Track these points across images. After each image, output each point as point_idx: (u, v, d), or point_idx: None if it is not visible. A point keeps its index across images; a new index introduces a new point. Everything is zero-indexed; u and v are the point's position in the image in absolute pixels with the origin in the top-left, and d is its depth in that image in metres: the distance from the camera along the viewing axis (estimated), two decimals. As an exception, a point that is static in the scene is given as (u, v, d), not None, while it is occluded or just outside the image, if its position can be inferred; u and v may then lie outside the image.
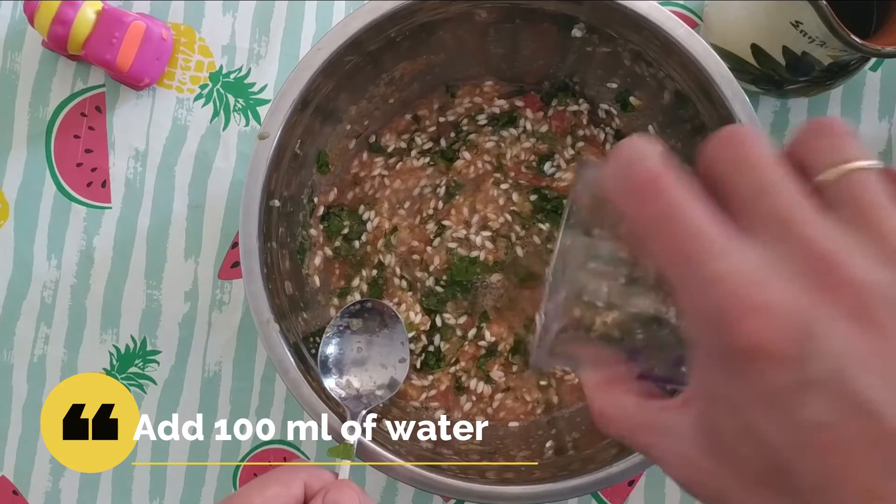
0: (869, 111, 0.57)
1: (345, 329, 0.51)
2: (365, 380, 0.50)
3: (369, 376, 0.50)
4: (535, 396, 0.55)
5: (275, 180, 0.48)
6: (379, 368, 0.51)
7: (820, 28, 0.45)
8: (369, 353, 0.51)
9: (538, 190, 0.56)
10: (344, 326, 0.51)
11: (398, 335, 0.51)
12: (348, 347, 0.51)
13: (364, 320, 0.52)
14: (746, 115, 0.46)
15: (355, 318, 0.52)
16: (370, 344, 0.51)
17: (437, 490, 0.47)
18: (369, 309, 0.52)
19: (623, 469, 0.46)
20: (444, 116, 0.57)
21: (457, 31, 0.51)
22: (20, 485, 0.58)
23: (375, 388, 0.50)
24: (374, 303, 0.52)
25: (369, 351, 0.51)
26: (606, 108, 0.56)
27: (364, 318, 0.52)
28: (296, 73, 0.46)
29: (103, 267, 0.58)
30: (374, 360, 0.51)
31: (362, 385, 0.50)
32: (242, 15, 0.58)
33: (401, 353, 0.51)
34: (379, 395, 0.50)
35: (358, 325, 0.52)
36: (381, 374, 0.51)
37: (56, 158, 0.58)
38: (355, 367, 0.50)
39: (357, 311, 0.52)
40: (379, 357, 0.51)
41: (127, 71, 0.55)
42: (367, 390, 0.50)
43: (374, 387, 0.50)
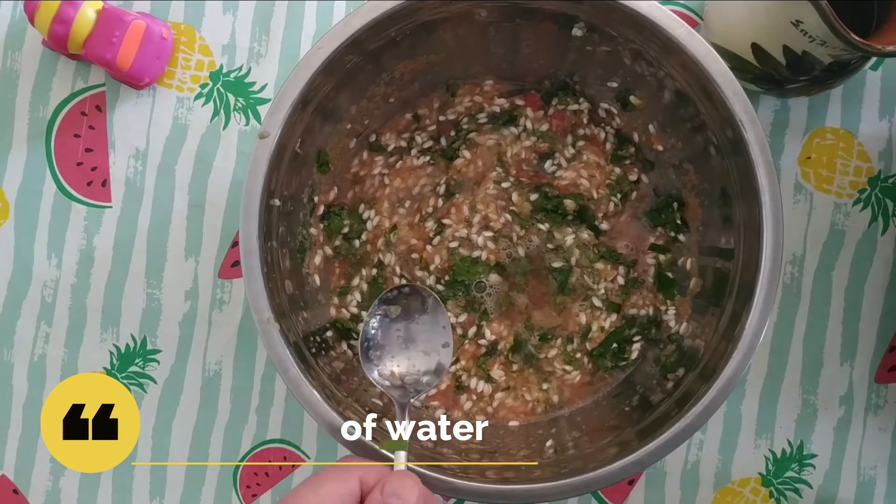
0: (869, 111, 0.57)
1: (383, 317, 0.49)
2: (409, 367, 0.48)
3: (412, 363, 0.49)
4: (535, 396, 0.55)
5: (275, 179, 0.48)
6: (421, 355, 0.49)
7: (821, 27, 0.44)
8: (411, 340, 0.49)
9: (539, 188, 0.56)
10: (382, 314, 0.49)
11: (440, 318, 0.49)
12: (388, 335, 0.49)
13: (403, 306, 0.50)
14: (746, 114, 0.46)
15: (392, 304, 0.50)
16: (410, 330, 0.49)
17: (437, 489, 0.47)
18: (407, 294, 0.50)
19: (623, 468, 0.46)
20: (445, 115, 0.57)
21: (457, 31, 0.51)
22: (20, 484, 0.58)
23: (420, 374, 0.48)
24: (411, 287, 0.50)
25: (410, 337, 0.49)
26: (607, 107, 0.56)
27: (403, 304, 0.50)
28: (296, 73, 0.46)
29: (103, 266, 0.58)
30: (416, 346, 0.49)
31: (407, 373, 0.48)
32: (242, 14, 0.58)
33: (443, 336, 0.49)
34: (425, 382, 0.48)
35: (396, 312, 0.50)
36: (425, 360, 0.49)
37: (56, 157, 0.58)
38: (397, 356, 0.49)
39: (394, 298, 0.50)
40: (421, 343, 0.49)
41: (127, 70, 0.55)
42: (411, 378, 0.48)
43: (418, 374, 0.48)
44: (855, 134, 0.57)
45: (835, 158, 0.57)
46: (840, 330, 0.57)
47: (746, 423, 0.57)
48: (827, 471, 0.57)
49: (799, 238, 0.57)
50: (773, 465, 0.57)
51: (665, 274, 0.55)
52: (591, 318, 0.55)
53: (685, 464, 0.57)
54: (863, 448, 0.57)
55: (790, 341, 0.57)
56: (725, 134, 0.47)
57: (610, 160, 0.56)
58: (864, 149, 0.57)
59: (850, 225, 0.57)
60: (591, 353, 0.55)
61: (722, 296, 0.50)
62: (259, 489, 0.57)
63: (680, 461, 0.57)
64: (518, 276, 0.55)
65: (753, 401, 0.57)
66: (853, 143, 0.57)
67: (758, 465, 0.57)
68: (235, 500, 0.58)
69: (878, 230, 0.57)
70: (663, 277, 0.55)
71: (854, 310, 0.57)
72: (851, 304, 0.57)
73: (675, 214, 0.55)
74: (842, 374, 0.57)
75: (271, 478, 0.58)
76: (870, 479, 0.57)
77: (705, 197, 0.53)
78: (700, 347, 0.50)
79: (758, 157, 0.46)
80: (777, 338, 0.57)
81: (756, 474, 0.57)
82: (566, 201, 0.55)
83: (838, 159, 0.57)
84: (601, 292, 0.55)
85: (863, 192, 0.57)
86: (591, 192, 0.56)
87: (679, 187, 0.55)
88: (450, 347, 0.49)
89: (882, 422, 0.57)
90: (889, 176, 0.57)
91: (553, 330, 0.55)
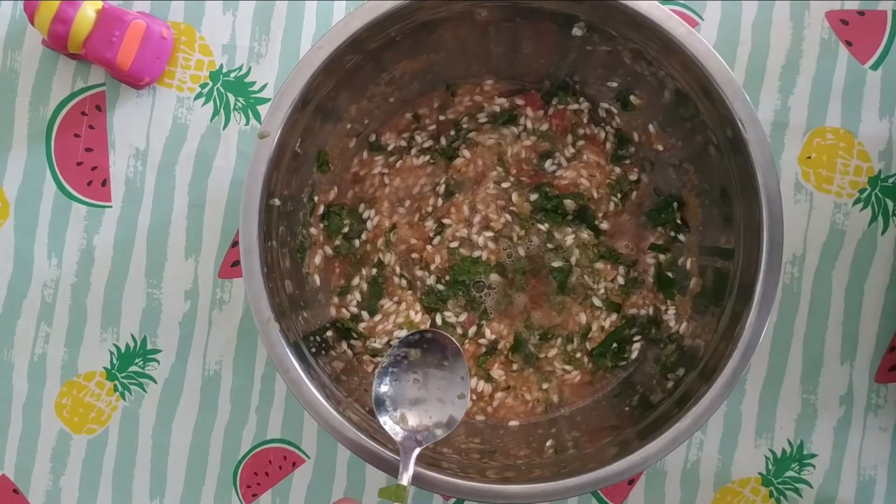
0: (869, 111, 0.57)
1: (402, 359, 0.49)
2: (421, 415, 0.48)
3: (425, 411, 0.48)
4: (535, 395, 0.55)
5: (275, 179, 0.48)
6: (436, 403, 0.48)
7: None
8: (427, 387, 0.48)
9: (539, 188, 0.56)
10: (402, 356, 0.49)
11: (459, 369, 0.49)
12: (405, 379, 0.48)
13: (423, 351, 0.49)
14: (747, 114, 0.46)
15: (413, 347, 0.49)
16: (428, 377, 0.49)
17: (437, 489, 0.47)
18: (429, 339, 0.49)
19: (623, 468, 0.46)
20: (445, 115, 0.57)
21: (457, 30, 0.51)
22: (21, 483, 0.58)
23: (432, 424, 0.47)
24: (435, 334, 0.49)
25: (427, 384, 0.49)
26: (607, 106, 0.56)
27: (423, 349, 0.49)
28: (296, 72, 0.46)
29: (104, 266, 0.58)
30: (431, 394, 0.48)
31: (419, 421, 0.47)
32: (242, 14, 0.58)
33: (460, 388, 0.48)
34: (437, 434, 0.47)
35: (416, 356, 0.49)
36: (439, 409, 0.48)
37: (56, 157, 0.58)
38: (411, 402, 0.48)
39: (416, 341, 0.49)
40: (437, 391, 0.48)
41: (127, 70, 0.55)
42: (422, 426, 0.47)
43: (430, 423, 0.47)
44: (855, 134, 0.57)
45: (835, 158, 0.57)
46: (840, 330, 0.57)
47: (746, 423, 0.57)
48: (827, 470, 0.57)
49: (799, 238, 0.57)
50: (774, 465, 0.57)
51: (665, 274, 0.55)
52: (591, 318, 0.55)
53: (685, 464, 0.57)
54: (863, 448, 0.57)
55: (790, 341, 0.57)
56: (725, 134, 0.47)
57: (610, 160, 0.56)
58: (864, 148, 0.57)
59: (850, 225, 0.57)
60: (591, 352, 0.55)
61: (722, 296, 0.50)
62: (259, 489, 0.57)
63: (680, 461, 0.57)
64: (518, 276, 0.55)
65: (753, 401, 0.57)
66: (853, 142, 0.57)
67: (758, 465, 0.57)
68: (235, 500, 0.58)
69: (878, 230, 0.57)
70: (663, 277, 0.55)
71: (854, 310, 0.57)
72: (851, 303, 0.57)
73: (675, 214, 0.55)
74: (842, 373, 0.57)
75: (271, 478, 0.58)
76: (870, 479, 0.57)
77: (705, 197, 0.53)
78: (700, 347, 0.50)
79: (758, 157, 0.46)
80: (777, 338, 0.57)
81: (756, 474, 0.57)
82: (566, 201, 0.55)
83: (838, 159, 0.57)
84: (601, 292, 0.55)
85: (863, 191, 0.57)
86: (591, 192, 0.56)
87: (679, 187, 0.55)
88: (465, 399, 0.48)
89: (882, 421, 0.57)
90: (889, 175, 0.57)
91: (553, 329, 0.55)
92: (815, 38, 0.57)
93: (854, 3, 0.57)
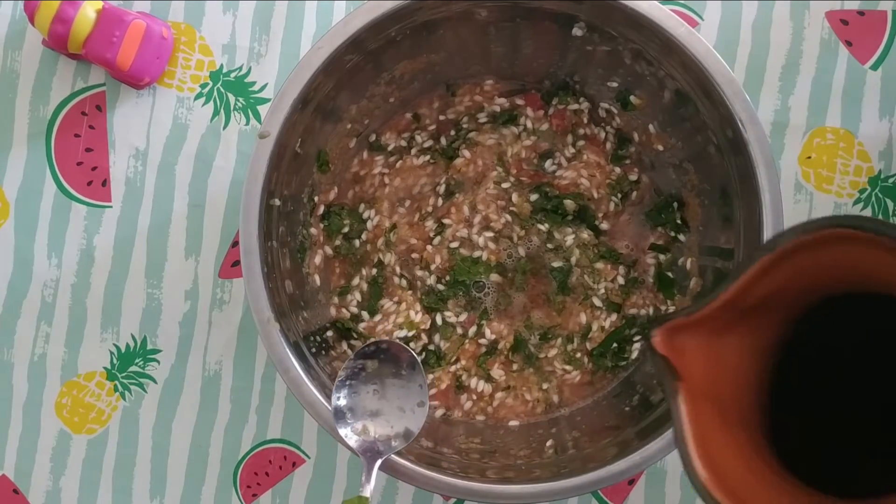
0: (869, 111, 0.57)
1: (360, 371, 0.49)
2: (382, 425, 0.48)
3: (386, 420, 0.48)
4: (535, 395, 0.55)
5: (275, 179, 0.48)
6: (397, 412, 0.48)
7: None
8: (386, 397, 0.49)
9: (539, 188, 0.56)
10: (359, 368, 0.49)
11: (417, 377, 0.49)
12: (364, 391, 0.48)
13: (380, 361, 0.49)
14: (747, 114, 0.46)
15: (370, 359, 0.49)
16: (386, 387, 0.49)
17: (437, 489, 0.47)
18: (385, 350, 0.49)
19: (623, 468, 0.46)
20: (445, 115, 0.57)
21: (457, 30, 0.51)
22: (21, 483, 0.58)
23: (394, 434, 0.48)
24: (390, 344, 0.50)
25: (386, 395, 0.49)
26: (607, 106, 0.56)
27: (380, 360, 0.49)
28: (296, 72, 0.46)
29: (104, 266, 0.58)
30: (391, 403, 0.49)
31: (379, 431, 0.48)
32: (243, 14, 0.58)
33: (419, 396, 0.49)
34: (394, 446, 0.47)
35: (373, 367, 0.49)
36: (400, 418, 0.48)
37: (56, 157, 0.58)
38: (371, 413, 0.48)
39: (372, 353, 0.49)
40: (397, 400, 0.49)
41: (127, 70, 0.55)
42: (384, 436, 0.47)
43: (392, 433, 0.48)
44: (855, 134, 0.57)
45: (835, 158, 0.57)
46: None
47: (746, 423, 0.57)
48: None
49: (799, 238, 0.57)
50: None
51: (665, 274, 0.55)
52: (591, 318, 0.55)
53: (685, 464, 0.57)
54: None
55: (790, 341, 0.57)
56: (725, 134, 0.47)
57: (610, 160, 0.56)
58: (864, 148, 0.57)
59: (850, 225, 0.57)
60: (592, 352, 0.55)
61: (722, 296, 0.50)
62: (259, 489, 0.57)
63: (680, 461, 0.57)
64: (518, 276, 0.55)
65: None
66: (853, 142, 0.57)
67: (758, 465, 0.57)
68: (235, 500, 0.58)
69: (879, 230, 0.57)
70: (663, 277, 0.55)
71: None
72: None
73: (675, 214, 0.55)
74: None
75: (271, 478, 0.58)
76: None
77: (705, 197, 0.53)
78: (700, 347, 0.50)
79: (758, 157, 0.46)
80: (777, 338, 0.57)
81: (756, 474, 0.57)
82: (566, 201, 0.55)
83: (838, 159, 0.57)
84: (601, 292, 0.55)
85: (863, 191, 0.57)
86: (591, 192, 0.56)
87: (679, 187, 0.55)
88: (425, 406, 0.49)
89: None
90: (889, 176, 0.57)
91: (553, 329, 0.55)
92: (815, 38, 0.57)
93: (854, 3, 0.57)
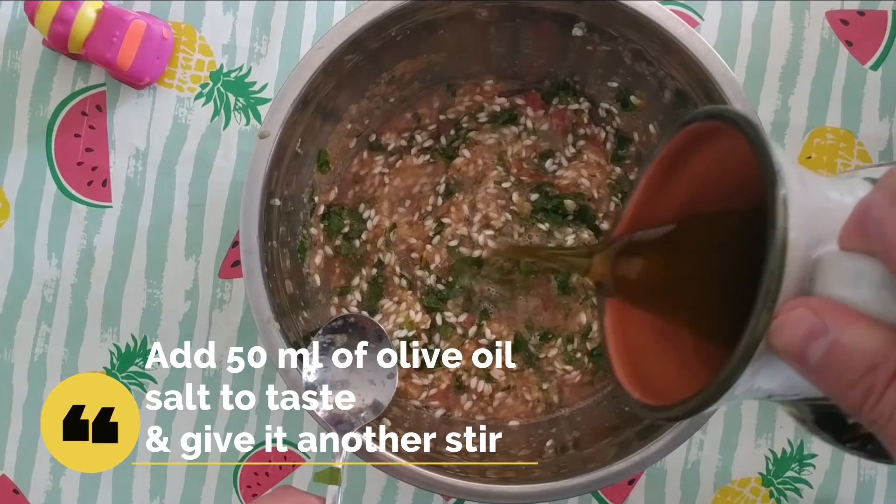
0: (869, 111, 0.57)
1: (329, 346, 0.50)
2: (352, 398, 0.49)
3: (357, 393, 0.49)
4: (535, 395, 0.55)
5: (275, 179, 0.48)
6: (367, 385, 0.49)
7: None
8: (356, 370, 0.49)
9: (539, 188, 0.56)
10: (328, 343, 0.50)
11: (385, 349, 0.50)
12: (333, 366, 0.49)
13: (348, 336, 0.50)
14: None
15: (339, 333, 0.50)
16: (356, 359, 0.50)
17: (437, 489, 0.47)
18: (353, 324, 0.50)
19: (623, 468, 0.46)
20: (445, 114, 0.57)
21: (457, 30, 0.51)
22: (21, 483, 0.58)
23: (362, 407, 0.49)
24: (357, 318, 0.51)
25: (356, 367, 0.49)
26: (607, 106, 0.56)
27: (348, 334, 0.50)
28: (296, 72, 0.46)
29: (104, 266, 0.58)
30: (361, 376, 0.49)
31: (350, 404, 0.48)
32: (243, 14, 0.58)
33: (389, 367, 0.50)
34: (363, 418, 0.48)
35: (342, 342, 0.50)
36: (369, 390, 0.49)
37: (56, 157, 0.58)
38: (342, 385, 0.49)
39: (340, 327, 0.50)
40: (367, 373, 0.49)
41: (127, 70, 0.55)
42: (355, 409, 0.48)
43: (361, 406, 0.49)
44: (855, 134, 0.57)
45: (835, 158, 0.57)
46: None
47: (746, 423, 0.57)
48: (827, 471, 0.57)
49: (799, 238, 0.57)
50: (774, 465, 0.57)
51: (665, 274, 0.55)
52: (591, 318, 0.55)
53: (685, 464, 0.57)
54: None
55: (790, 341, 0.57)
56: (726, 134, 0.47)
57: (610, 160, 0.56)
58: (864, 148, 0.57)
59: (850, 225, 0.57)
60: (592, 352, 0.55)
61: (722, 296, 0.50)
62: (259, 489, 0.57)
63: (680, 461, 0.57)
64: (519, 276, 0.55)
65: (754, 401, 0.57)
66: (853, 142, 0.57)
67: (758, 465, 0.57)
68: (235, 500, 0.58)
69: (879, 230, 0.57)
70: (663, 277, 0.55)
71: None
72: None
73: (675, 214, 0.55)
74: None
75: (271, 478, 0.58)
76: (870, 479, 0.57)
77: (705, 197, 0.53)
78: (700, 347, 0.50)
79: (758, 156, 0.46)
80: (777, 338, 0.57)
81: (756, 474, 0.57)
82: (566, 202, 0.55)
83: (838, 159, 0.57)
84: (601, 292, 0.55)
85: (863, 191, 0.57)
86: (591, 192, 0.56)
87: (679, 187, 0.55)
88: (395, 378, 0.50)
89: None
90: (889, 176, 0.57)
91: (553, 330, 0.55)
92: (815, 38, 0.57)
93: (854, 3, 0.57)
